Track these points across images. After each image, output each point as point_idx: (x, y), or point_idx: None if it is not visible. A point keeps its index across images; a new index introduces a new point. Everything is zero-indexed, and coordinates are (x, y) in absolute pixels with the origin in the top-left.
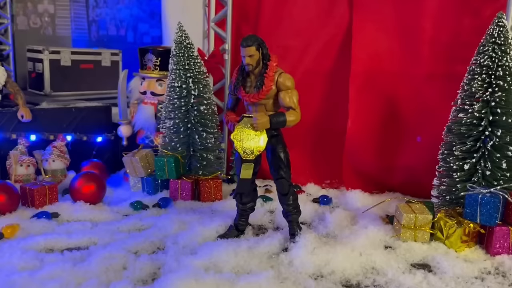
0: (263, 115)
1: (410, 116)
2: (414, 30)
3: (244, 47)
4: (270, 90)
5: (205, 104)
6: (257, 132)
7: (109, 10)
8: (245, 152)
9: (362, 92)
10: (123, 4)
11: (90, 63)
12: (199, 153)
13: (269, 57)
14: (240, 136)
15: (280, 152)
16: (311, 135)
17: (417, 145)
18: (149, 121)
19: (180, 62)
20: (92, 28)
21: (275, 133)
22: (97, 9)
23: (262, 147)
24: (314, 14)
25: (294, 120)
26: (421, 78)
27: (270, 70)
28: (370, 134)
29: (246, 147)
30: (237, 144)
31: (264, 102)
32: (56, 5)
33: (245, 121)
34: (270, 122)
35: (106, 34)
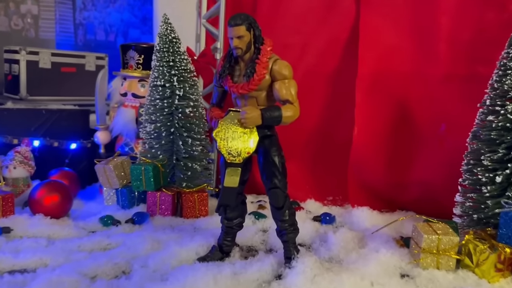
0: (253, 108)
1: (425, 122)
2: (429, 26)
3: (232, 27)
4: (263, 79)
5: (191, 106)
6: (246, 129)
7: (98, 13)
8: (230, 154)
9: (370, 96)
10: (113, 7)
11: (73, 67)
12: (183, 162)
13: (262, 40)
14: (225, 134)
15: (274, 156)
16: (312, 145)
17: (433, 155)
18: (129, 126)
19: (164, 58)
20: (79, 32)
21: (269, 132)
22: (84, 12)
23: (251, 149)
24: (316, 9)
25: (291, 116)
26: (438, 80)
27: (264, 55)
28: (379, 144)
29: (232, 147)
30: (220, 144)
31: (256, 94)
32: (40, 6)
33: (231, 116)
34: (262, 118)
35: (93, 38)
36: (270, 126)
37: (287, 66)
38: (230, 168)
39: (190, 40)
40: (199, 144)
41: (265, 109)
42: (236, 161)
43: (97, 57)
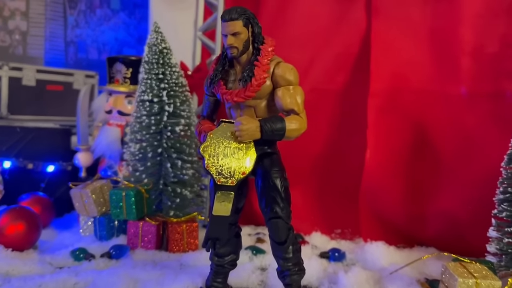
0: (250, 119)
1: (447, 146)
2: (450, 38)
3: (226, 21)
4: (262, 85)
5: (182, 124)
6: (241, 144)
7: (91, 31)
8: (220, 174)
9: (384, 116)
10: (107, 26)
11: (59, 85)
12: (172, 187)
13: (262, 39)
14: (215, 149)
15: (275, 178)
16: (318, 170)
17: (458, 183)
18: (113, 147)
19: (152, 70)
20: (70, 50)
21: (269, 149)
22: (77, 29)
23: (247, 169)
24: (323, 21)
25: (297, 129)
26: (461, 98)
27: (264, 56)
28: (395, 169)
29: (223, 166)
30: (208, 162)
31: (254, 103)
32: (29, 22)
33: (223, 128)
34: (261, 130)
35: (85, 57)
36: (271, 142)
37: (292, 69)
38: (221, 193)
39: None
40: (190, 167)
41: (265, 119)
42: (228, 184)
43: (86, 75)
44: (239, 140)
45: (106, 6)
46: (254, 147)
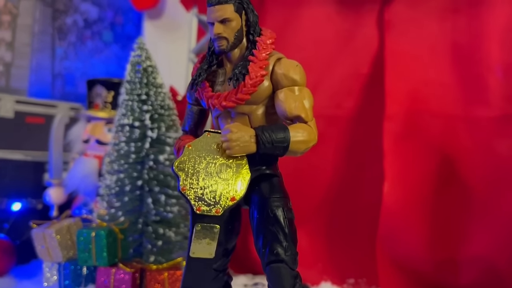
0: (242, 126)
1: (476, 177)
2: (474, 55)
3: (213, 5)
4: (259, 85)
5: (167, 153)
6: (229, 160)
7: (80, 63)
8: (201, 200)
9: (403, 142)
10: (98, 58)
11: (41, 117)
12: (153, 227)
13: (259, 30)
14: (194, 166)
15: (276, 208)
16: (327, 207)
17: (494, 222)
18: (89, 181)
19: (135, 91)
20: (57, 82)
21: (267, 170)
22: (65, 61)
23: (238, 193)
24: (330, 38)
25: (304, 141)
26: (490, 122)
27: (262, 50)
28: (418, 205)
29: (205, 189)
30: (185, 183)
31: (248, 110)
32: (14, 53)
33: (206, 139)
34: (257, 141)
35: (73, 91)
36: (270, 159)
37: (297, 66)
38: (202, 226)
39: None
40: (176, 203)
41: (262, 127)
42: (211, 213)
43: (71, 107)
44: (227, 153)
45: (98, 38)
46: (247, 164)
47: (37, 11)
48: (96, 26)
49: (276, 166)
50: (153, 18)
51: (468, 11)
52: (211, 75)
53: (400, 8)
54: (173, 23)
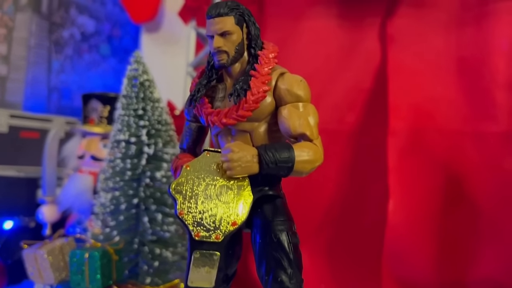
0: (244, 145)
1: (484, 195)
2: (480, 69)
3: (213, 18)
4: (261, 101)
5: (164, 170)
6: (230, 181)
7: (77, 77)
8: (200, 225)
9: (408, 159)
10: (95, 71)
11: (35, 132)
12: (150, 247)
13: (261, 44)
14: (192, 189)
15: (280, 232)
16: (330, 226)
17: (502, 240)
18: (83, 198)
19: (131, 105)
20: (53, 96)
21: (270, 191)
22: (62, 74)
23: (240, 217)
24: (331, 52)
25: (310, 161)
26: (497, 138)
27: (264, 64)
28: (425, 224)
29: (205, 213)
30: (182, 207)
31: (250, 127)
32: (10, 67)
33: (206, 159)
34: (260, 161)
35: (70, 104)
36: (273, 179)
37: (301, 81)
38: (201, 253)
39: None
40: (173, 222)
41: (265, 146)
42: (211, 240)
43: (67, 122)
44: (228, 174)
45: (95, 51)
46: (249, 185)
47: (33, 24)
48: (93, 39)
49: (279, 187)
50: (151, 31)
51: (473, 24)
52: (211, 91)
53: (403, 21)
54: (171, 36)
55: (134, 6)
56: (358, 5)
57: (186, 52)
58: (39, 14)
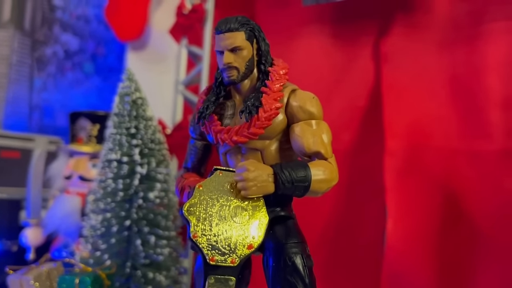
0: (259, 164)
1: (483, 214)
2: (474, 87)
3: (223, 33)
4: (274, 118)
5: (158, 190)
6: (245, 202)
7: (60, 95)
8: (215, 249)
9: (405, 178)
10: (79, 90)
11: (16, 151)
12: (142, 271)
13: (271, 60)
14: (206, 210)
15: (294, 255)
16: (325, 248)
17: (501, 260)
18: (70, 220)
19: (123, 124)
20: (34, 115)
21: (282, 212)
22: (44, 92)
23: (256, 241)
24: (326, 71)
25: (326, 181)
26: (493, 156)
27: (275, 81)
28: (423, 244)
29: (219, 235)
30: (196, 229)
31: (261, 145)
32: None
33: (218, 178)
34: (276, 180)
35: (52, 123)
36: (286, 200)
37: (313, 98)
38: (215, 278)
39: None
40: (167, 244)
41: (281, 165)
42: (227, 264)
43: (50, 141)
44: (243, 194)
45: (79, 70)
46: (264, 206)
47: (15, 41)
48: (77, 57)
49: (290, 207)
50: (137, 49)
51: (467, 44)
52: (219, 108)
53: (396, 40)
54: (158, 54)
55: (120, 24)
56: (352, 25)
57: (177, 70)
58: (21, 31)
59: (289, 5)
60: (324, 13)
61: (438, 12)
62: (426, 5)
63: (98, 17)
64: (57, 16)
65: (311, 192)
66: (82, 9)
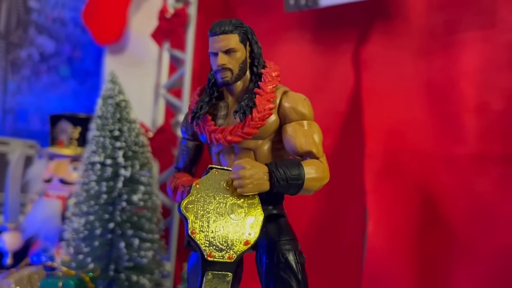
0: (255, 162)
1: (457, 216)
2: (449, 94)
3: (217, 35)
4: (268, 118)
5: (142, 193)
6: (240, 199)
7: (34, 99)
8: (212, 246)
9: (384, 181)
10: (54, 93)
11: None
12: (126, 274)
13: (263, 62)
14: (203, 207)
15: (287, 251)
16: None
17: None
18: (50, 224)
19: (106, 126)
20: (7, 118)
21: (275, 210)
22: (18, 96)
23: (252, 237)
24: (306, 76)
25: (318, 179)
26: (467, 160)
27: (268, 82)
28: (403, 246)
29: (217, 232)
30: (194, 226)
31: (254, 145)
32: None
33: (214, 176)
34: (271, 178)
35: (26, 127)
36: (278, 198)
37: (305, 100)
38: (213, 274)
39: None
40: (150, 247)
41: (276, 163)
42: (224, 260)
43: (25, 145)
44: (239, 192)
45: (55, 73)
46: (260, 203)
47: None
48: (52, 60)
49: (282, 206)
50: (115, 53)
51: (442, 52)
52: (212, 108)
53: (376, 48)
54: (137, 58)
55: (99, 28)
56: (333, 32)
57: (157, 74)
58: None
59: (270, 11)
60: (305, 20)
61: (415, 21)
62: (403, 14)
63: (74, 20)
64: (33, 18)
65: (304, 190)
66: (58, 12)
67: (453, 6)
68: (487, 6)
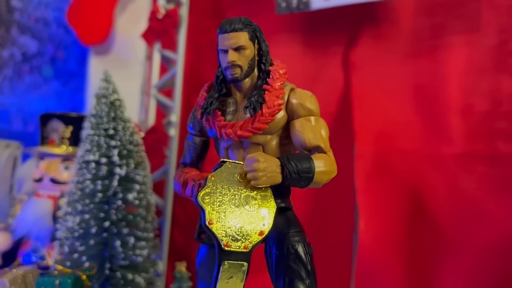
0: (268, 156)
1: (445, 214)
2: (436, 95)
3: (227, 33)
4: (277, 114)
5: (137, 191)
6: (254, 191)
7: (16, 99)
8: (229, 236)
9: (375, 180)
10: (36, 94)
11: None
12: (121, 272)
13: (270, 60)
14: (219, 198)
15: (296, 243)
16: None
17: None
18: (41, 224)
19: (101, 125)
20: None
21: (283, 204)
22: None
23: (266, 228)
24: (295, 77)
25: (327, 172)
26: (454, 160)
27: (276, 79)
28: (394, 244)
29: (233, 223)
30: (211, 217)
31: (263, 140)
32: None
33: (228, 169)
34: (283, 171)
35: (7, 128)
36: (286, 191)
37: (311, 96)
38: (229, 264)
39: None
40: (146, 245)
41: (287, 156)
42: (240, 250)
43: (7, 145)
44: (252, 184)
45: (37, 73)
46: (273, 195)
47: None
48: (35, 61)
49: (289, 199)
50: (100, 54)
51: (428, 55)
52: (220, 104)
53: (365, 50)
54: (122, 59)
55: (84, 28)
56: (323, 34)
57: (146, 75)
58: None
59: (261, 14)
60: (295, 22)
61: (403, 25)
62: (391, 18)
63: (58, 20)
64: (15, 17)
65: (314, 183)
66: (41, 12)
67: (439, 11)
68: (472, 10)
